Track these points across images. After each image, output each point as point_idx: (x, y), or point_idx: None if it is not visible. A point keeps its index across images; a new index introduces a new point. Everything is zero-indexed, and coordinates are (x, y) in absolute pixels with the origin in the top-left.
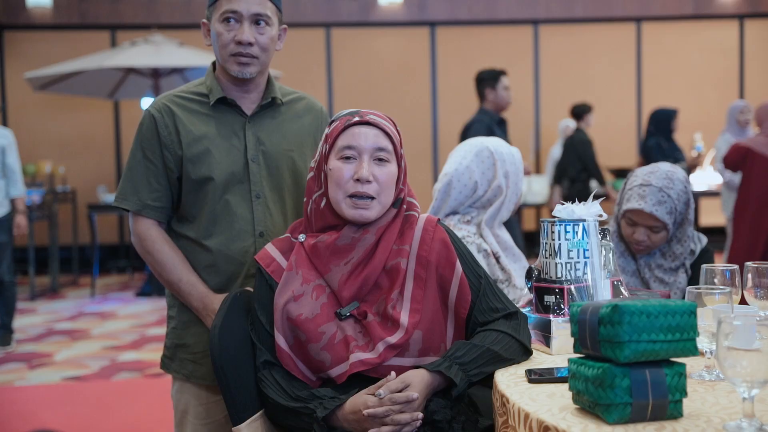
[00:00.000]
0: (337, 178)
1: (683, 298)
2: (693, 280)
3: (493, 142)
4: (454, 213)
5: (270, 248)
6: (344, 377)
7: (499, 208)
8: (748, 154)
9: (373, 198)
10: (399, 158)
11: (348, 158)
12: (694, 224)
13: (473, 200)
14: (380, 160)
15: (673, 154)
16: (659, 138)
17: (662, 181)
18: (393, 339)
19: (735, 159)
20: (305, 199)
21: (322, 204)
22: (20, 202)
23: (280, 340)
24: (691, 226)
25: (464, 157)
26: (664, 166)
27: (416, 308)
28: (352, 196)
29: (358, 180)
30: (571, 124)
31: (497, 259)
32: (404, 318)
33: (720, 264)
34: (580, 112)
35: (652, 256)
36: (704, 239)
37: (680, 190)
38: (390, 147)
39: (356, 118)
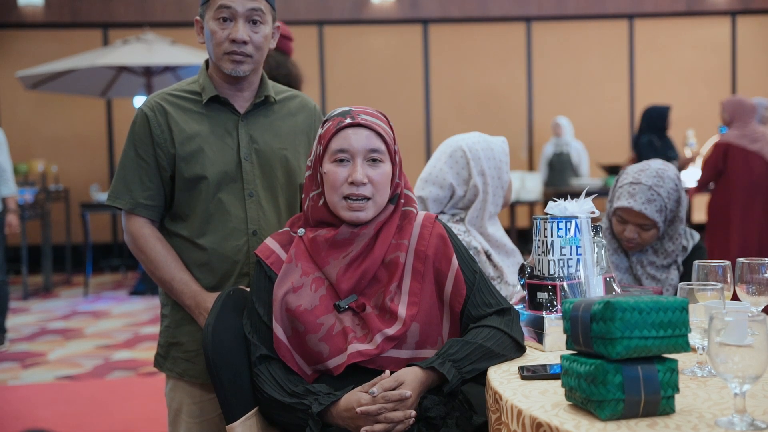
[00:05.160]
0: (332, 182)
1: (675, 294)
2: (685, 276)
3: (469, 140)
4: (441, 214)
5: (269, 241)
6: (342, 368)
7: (481, 207)
8: (728, 149)
9: (368, 198)
10: (393, 155)
11: (341, 161)
12: (687, 221)
13: (455, 202)
14: (374, 160)
15: (666, 152)
16: (651, 135)
17: (652, 179)
18: (391, 331)
19: (716, 158)
20: (303, 196)
21: (320, 203)
22: (11, 200)
23: (279, 331)
24: (682, 224)
25: (438, 159)
26: (655, 164)
27: (414, 301)
28: (347, 197)
29: (352, 182)
30: (563, 121)
31: (488, 257)
32: (402, 310)
33: (712, 260)
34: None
35: (644, 253)
36: (696, 236)
37: (671, 188)
38: (383, 147)
39: (348, 120)
